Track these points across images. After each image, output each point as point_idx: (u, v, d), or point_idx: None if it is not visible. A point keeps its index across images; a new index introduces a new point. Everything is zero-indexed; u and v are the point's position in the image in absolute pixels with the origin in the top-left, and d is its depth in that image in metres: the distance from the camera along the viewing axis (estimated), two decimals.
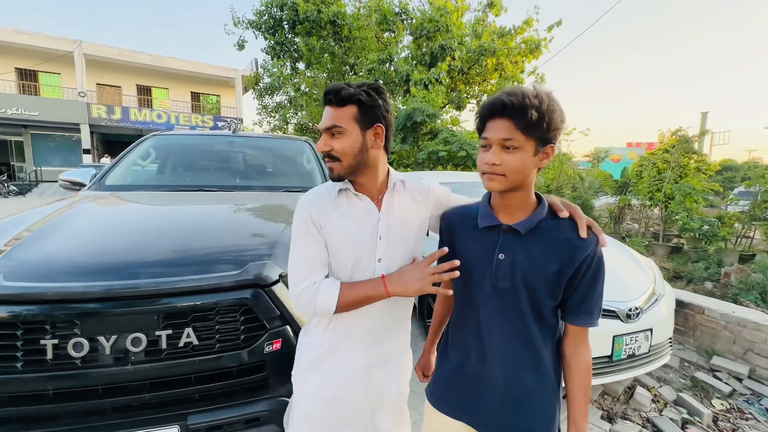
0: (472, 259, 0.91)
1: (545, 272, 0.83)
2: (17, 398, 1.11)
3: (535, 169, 0.81)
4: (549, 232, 0.85)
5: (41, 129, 18.15)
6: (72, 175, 2.50)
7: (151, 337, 1.16)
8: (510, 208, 0.87)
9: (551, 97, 0.78)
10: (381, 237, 0.96)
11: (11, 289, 1.09)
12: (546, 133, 0.77)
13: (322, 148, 0.92)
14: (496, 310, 0.89)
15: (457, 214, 1.00)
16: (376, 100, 0.92)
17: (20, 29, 16.77)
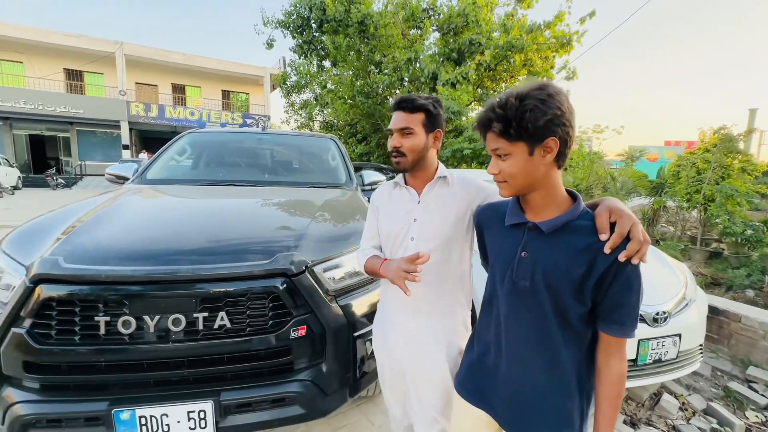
0: (497, 255, 0.94)
1: (570, 274, 0.80)
2: (75, 368, 1.24)
3: (541, 167, 0.80)
4: (577, 234, 0.82)
5: (86, 126, 19.37)
6: (117, 169, 2.70)
7: (189, 319, 1.26)
8: (535, 207, 0.87)
9: (525, 96, 0.77)
10: (416, 219, 1.13)
11: (71, 270, 1.22)
12: (527, 132, 0.76)
13: (395, 144, 1.10)
14: (515, 308, 0.89)
15: (487, 210, 1.04)
16: (439, 111, 1.14)
17: (68, 32, 17.92)
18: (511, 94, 0.78)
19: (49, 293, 1.20)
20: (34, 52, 18.34)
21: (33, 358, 1.21)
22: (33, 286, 1.21)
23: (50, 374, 1.24)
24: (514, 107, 0.76)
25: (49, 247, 1.35)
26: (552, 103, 0.76)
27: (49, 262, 1.24)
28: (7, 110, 16.65)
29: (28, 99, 16.84)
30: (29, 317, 1.21)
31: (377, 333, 1.26)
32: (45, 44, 17.73)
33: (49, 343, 1.21)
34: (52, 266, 1.22)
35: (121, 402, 1.23)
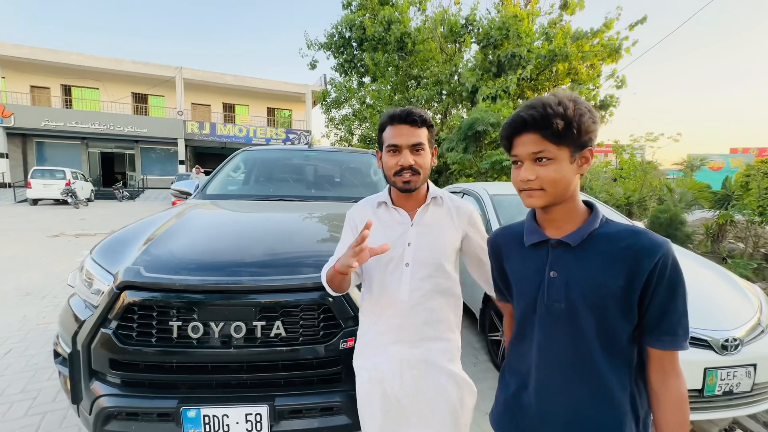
0: (521, 279, 0.86)
1: (611, 288, 0.73)
2: (150, 367, 1.38)
3: (576, 177, 0.77)
4: (606, 241, 0.76)
5: (148, 143, 21.35)
6: (181, 185, 2.97)
7: (249, 326, 1.36)
8: (556, 222, 0.81)
9: (577, 100, 0.74)
10: (410, 244, 1.08)
11: (150, 279, 1.37)
12: (578, 138, 0.73)
13: (409, 162, 1.03)
14: (552, 335, 0.80)
15: (502, 234, 0.95)
16: (434, 126, 1.10)
17: (137, 60, 19.99)
18: (563, 96, 0.74)
19: (132, 299, 1.36)
20: (108, 79, 20.64)
21: (117, 356, 1.36)
22: (119, 292, 1.38)
23: (130, 371, 1.39)
24: (571, 108, 0.72)
25: (132, 257, 1.52)
26: (595, 113, 0.75)
27: (132, 270, 1.41)
28: (84, 131, 18.81)
29: (102, 121, 18.92)
30: (115, 320, 1.37)
31: (364, 368, 1.14)
32: (118, 72, 19.92)
33: (130, 343, 1.36)
34: (135, 275, 1.38)
35: (188, 401, 1.35)
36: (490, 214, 3.28)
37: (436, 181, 10.46)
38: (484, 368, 2.83)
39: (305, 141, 21.39)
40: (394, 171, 1.05)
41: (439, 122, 10.99)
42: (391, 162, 1.05)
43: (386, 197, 1.13)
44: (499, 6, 10.05)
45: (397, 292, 1.08)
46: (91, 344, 1.39)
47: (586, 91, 9.49)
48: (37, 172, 14.75)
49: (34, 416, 2.11)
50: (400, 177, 1.04)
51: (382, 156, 1.09)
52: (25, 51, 18.14)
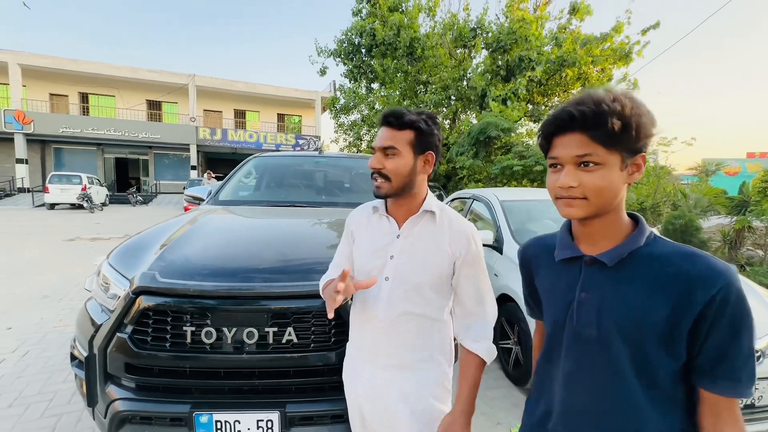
0: (550, 298, 0.78)
1: (651, 318, 0.63)
2: (164, 371, 1.39)
3: (624, 186, 0.66)
4: (651, 263, 0.65)
5: (161, 149, 21.80)
6: (193, 191, 3.02)
7: (261, 332, 1.37)
8: (594, 236, 0.71)
9: (633, 99, 0.64)
10: (393, 256, 0.99)
11: (165, 284, 1.39)
12: (634, 142, 0.63)
13: (375, 165, 0.96)
14: (581, 364, 0.71)
15: (534, 246, 0.86)
16: (432, 130, 0.97)
17: (152, 68, 20.49)
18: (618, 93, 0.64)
19: (147, 303, 1.38)
20: (124, 87, 21.20)
21: (132, 360, 1.38)
22: (135, 297, 1.40)
23: (144, 376, 1.40)
24: (629, 107, 0.62)
25: (147, 262, 1.55)
26: (652, 114, 0.64)
27: (148, 276, 1.43)
28: (100, 137, 19.30)
29: (117, 127, 19.41)
30: (131, 324, 1.40)
31: (345, 383, 1.12)
32: (133, 80, 20.45)
33: (145, 347, 1.38)
34: (150, 280, 1.41)
35: (200, 406, 1.36)
36: (500, 221, 3.26)
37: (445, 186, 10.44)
38: (495, 376, 2.79)
39: (315, 146, 21.59)
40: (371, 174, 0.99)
41: (447, 127, 10.99)
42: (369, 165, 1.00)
43: (381, 203, 1.06)
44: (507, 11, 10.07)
45: (374, 308, 1.00)
46: (107, 348, 1.41)
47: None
48: (55, 177, 15.17)
49: (50, 418, 2.15)
50: (374, 181, 0.98)
51: None
52: (47, 61, 18.77)
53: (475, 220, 3.88)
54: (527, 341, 2.49)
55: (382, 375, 1.01)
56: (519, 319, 2.60)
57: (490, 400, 2.47)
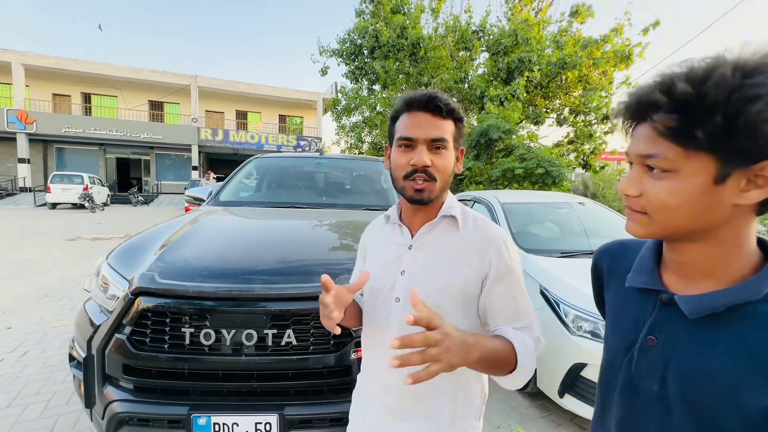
0: (614, 325, 0.61)
1: (738, 397, 0.44)
2: (163, 373, 1.39)
3: (728, 207, 0.44)
4: (758, 326, 0.45)
5: (163, 150, 21.85)
6: (194, 192, 3.02)
7: (260, 334, 1.36)
8: (686, 267, 0.51)
9: (755, 70, 0.40)
10: (404, 272, 0.80)
11: (165, 285, 1.39)
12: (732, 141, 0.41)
13: (424, 161, 0.75)
14: (635, 420, 0.55)
15: (611, 251, 0.67)
16: (464, 122, 0.83)
17: (154, 69, 20.57)
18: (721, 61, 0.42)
19: (146, 304, 1.38)
20: (126, 87, 21.26)
21: (131, 362, 1.38)
22: (134, 297, 1.40)
23: (143, 377, 1.40)
24: (730, 84, 0.40)
25: (147, 263, 1.54)
26: None
27: (147, 277, 1.43)
28: (103, 137, 19.36)
29: (119, 128, 19.46)
30: (129, 325, 1.39)
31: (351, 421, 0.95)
32: (136, 80, 20.52)
33: (143, 349, 1.37)
34: (149, 281, 1.40)
35: (199, 408, 1.35)
36: (501, 223, 3.25)
37: None
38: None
39: (316, 148, 21.62)
40: (404, 173, 0.78)
41: None
42: (401, 160, 0.78)
43: (394, 210, 0.89)
44: (509, 14, 10.08)
45: (383, 335, 0.81)
46: (106, 349, 1.40)
47: (598, 99, 9.40)
48: (57, 177, 15.21)
49: (49, 418, 2.14)
50: (411, 182, 0.77)
51: (391, 153, 0.83)
52: (50, 61, 18.85)
53: None
54: None
55: (392, 423, 0.83)
56: None
57: (490, 404, 2.46)
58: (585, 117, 9.87)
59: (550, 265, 2.64)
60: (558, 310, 2.30)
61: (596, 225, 3.34)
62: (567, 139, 10.53)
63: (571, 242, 3.21)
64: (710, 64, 0.42)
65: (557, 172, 6.70)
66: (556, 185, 6.91)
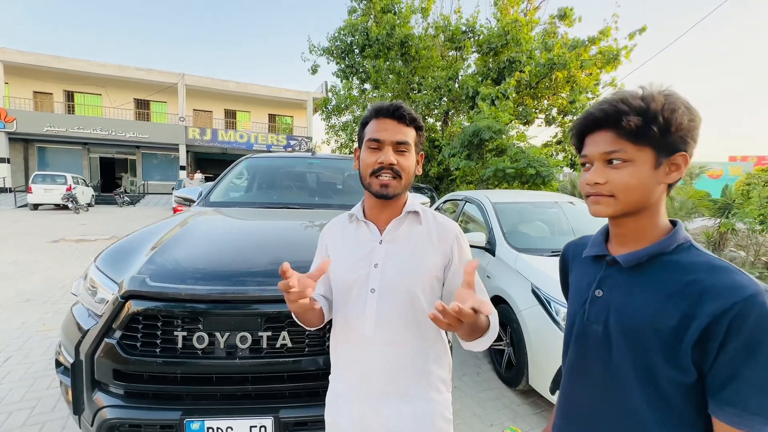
0: (573, 294, 0.78)
1: (657, 325, 0.60)
2: (154, 377, 1.36)
3: (659, 186, 0.64)
4: (672, 270, 0.62)
5: (149, 149, 21.43)
6: (184, 192, 2.97)
7: (254, 337, 1.35)
8: (624, 237, 0.69)
9: (671, 94, 0.62)
10: (377, 265, 0.89)
11: (156, 288, 1.36)
12: (665, 138, 0.61)
13: (391, 160, 0.86)
14: (584, 360, 0.72)
15: (573, 244, 0.86)
16: (424, 131, 0.95)
17: (140, 67, 20.13)
18: (652, 89, 0.63)
19: (137, 308, 1.35)
20: (111, 85, 20.76)
21: (121, 367, 1.35)
22: (124, 301, 1.37)
23: (133, 382, 1.37)
24: (660, 101, 0.60)
25: (137, 266, 1.51)
26: (695, 111, 0.62)
27: (138, 279, 1.40)
28: (86, 136, 18.88)
29: (104, 126, 19.00)
30: (119, 329, 1.36)
31: (328, 425, 0.98)
32: (121, 78, 20.04)
33: (134, 353, 1.34)
34: (140, 284, 1.38)
35: (192, 413, 1.33)
36: (492, 223, 3.28)
37: (437, 187, 10.48)
38: (488, 378, 2.81)
39: (306, 147, 21.46)
40: (371, 170, 0.88)
41: (439, 129, 11.05)
42: (370, 159, 0.88)
43: (358, 209, 0.97)
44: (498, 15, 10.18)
45: (360, 326, 0.89)
46: (95, 354, 1.37)
47: (584, 99, 9.56)
48: (38, 177, 14.77)
49: (33, 426, 2.08)
50: (377, 178, 0.87)
51: (361, 154, 0.93)
52: (30, 58, 18.28)
53: (468, 222, 3.90)
54: (520, 343, 2.51)
55: (375, 412, 0.88)
56: (511, 321, 2.62)
57: (482, 402, 2.48)
58: (573, 117, 10.03)
59: (541, 264, 2.67)
60: (549, 308, 2.33)
61: (584, 224, 3.40)
62: (555, 139, 10.69)
63: (561, 241, 3.25)
64: (648, 90, 0.63)
65: (547, 172, 6.79)
66: (545, 185, 7.00)
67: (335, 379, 0.98)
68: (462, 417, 2.29)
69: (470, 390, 2.62)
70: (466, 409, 2.39)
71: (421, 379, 0.90)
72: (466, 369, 2.90)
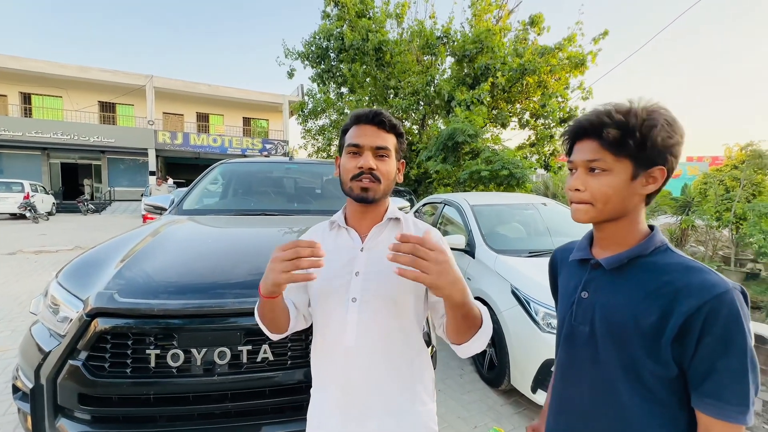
0: (561, 296, 0.82)
1: (638, 323, 0.65)
2: (125, 400, 1.28)
3: (636, 196, 0.68)
4: (650, 271, 0.67)
5: (116, 154, 20.42)
6: (154, 200, 2.84)
7: (234, 352, 1.30)
8: (606, 241, 0.74)
9: (653, 110, 0.65)
10: (358, 273, 0.86)
11: (126, 305, 1.28)
12: (642, 151, 0.64)
13: (370, 164, 0.85)
14: (573, 359, 0.76)
15: (561, 249, 0.89)
16: (404, 138, 0.95)
17: (105, 68, 19.21)
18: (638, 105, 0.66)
19: (104, 326, 1.27)
20: (73, 87, 19.68)
21: (87, 390, 1.26)
22: (90, 319, 1.28)
23: (102, 406, 1.28)
24: (641, 117, 0.64)
25: (104, 281, 1.42)
26: (677, 128, 0.65)
27: (105, 296, 1.31)
28: (45, 141, 17.77)
29: (65, 130, 17.95)
30: (85, 350, 1.27)
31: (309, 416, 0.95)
32: (83, 79, 19.03)
33: (102, 375, 1.26)
34: (108, 300, 1.29)
35: None
36: (471, 225, 3.33)
37: (416, 190, 10.55)
38: (471, 379, 2.83)
39: (283, 151, 21.11)
40: (352, 175, 0.87)
41: (417, 132, 11.14)
42: (350, 164, 0.87)
43: (339, 216, 0.95)
44: (472, 21, 10.40)
45: (341, 336, 0.85)
46: (57, 378, 1.28)
47: (555, 103, 9.91)
48: None
49: None
50: (357, 182, 0.86)
51: (341, 160, 0.92)
52: None
53: (447, 224, 3.94)
54: (501, 343, 2.54)
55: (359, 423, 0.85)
56: (493, 322, 2.64)
57: (466, 404, 2.50)
58: (545, 120, 10.36)
59: (520, 265, 2.73)
60: (529, 309, 2.38)
61: (558, 224, 3.50)
62: (529, 142, 11.01)
63: (537, 242, 3.34)
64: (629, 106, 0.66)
65: (521, 174, 6.97)
66: (519, 186, 7.18)
67: (317, 391, 0.94)
68: (447, 420, 2.30)
69: (454, 393, 2.63)
70: (451, 412, 2.40)
71: (405, 391, 0.88)
72: (449, 372, 2.91)
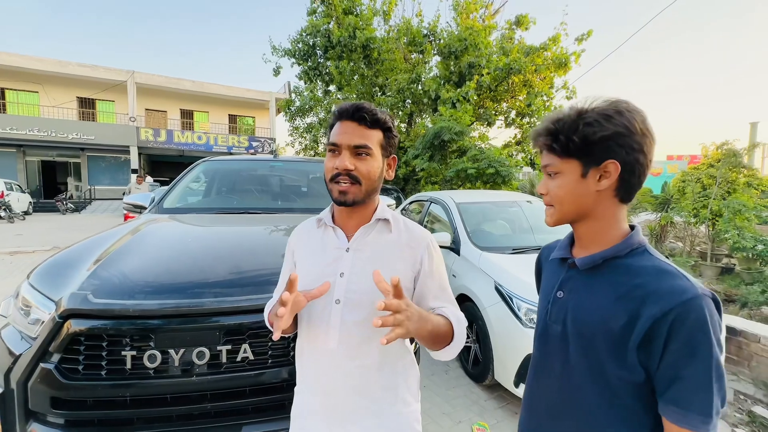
0: (541, 295, 0.83)
1: (607, 325, 0.64)
2: (100, 403, 1.25)
3: (594, 193, 0.67)
4: (623, 273, 0.66)
5: (96, 151, 19.85)
6: (134, 199, 2.77)
7: (213, 352, 1.28)
8: (582, 241, 0.73)
9: (586, 110, 0.66)
10: (342, 274, 0.84)
11: (100, 305, 1.25)
12: (584, 150, 0.65)
13: (346, 165, 0.81)
14: (545, 357, 0.77)
15: (547, 248, 0.89)
16: (395, 132, 0.89)
17: (83, 63, 18.62)
18: (574, 107, 0.68)
19: (78, 328, 1.23)
20: (49, 83, 19.01)
21: (60, 394, 1.23)
22: (62, 321, 1.25)
23: (76, 410, 1.25)
24: (571, 119, 0.66)
25: (78, 281, 1.38)
26: (618, 120, 0.63)
27: (79, 297, 1.28)
28: (21, 138, 17.14)
29: (42, 127, 17.34)
30: (58, 352, 1.24)
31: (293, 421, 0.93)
32: (61, 74, 18.41)
33: (76, 378, 1.23)
34: (81, 301, 1.26)
35: None
36: (457, 222, 3.36)
37: (403, 188, 10.58)
38: (455, 375, 2.86)
39: (269, 149, 20.87)
40: (330, 176, 0.83)
41: (404, 130, 11.16)
42: (329, 165, 0.83)
43: (326, 214, 0.91)
44: (458, 19, 10.45)
45: (324, 338, 0.84)
46: (28, 381, 1.24)
47: (540, 102, 10.06)
48: None
49: None
50: (335, 184, 0.82)
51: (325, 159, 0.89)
52: None
53: (433, 222, 3.96)
54: (485, 339, 2.58)
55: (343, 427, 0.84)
56: (477, 318, 2.69)
57: (451, 399, 2.52)
58: (530, 119, 10.50)
59: (504, 261, 2.76)
60: (512, 305, 2.42)
61: (542, 221, 3.54)
62: (515, 140, 11.14)
63: (521, 239, 3.39)
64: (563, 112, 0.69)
65: (506, 172, 7.06)
66: (505, 184, 7.27)
67: (300, 392, 0.92)
68: (431, 416, 2.32)
69: (439, 388, 2.65)
70: (435, 408, 2.42)
71: (389, 393, 0.87)
72: (434, 368, 2.94)
